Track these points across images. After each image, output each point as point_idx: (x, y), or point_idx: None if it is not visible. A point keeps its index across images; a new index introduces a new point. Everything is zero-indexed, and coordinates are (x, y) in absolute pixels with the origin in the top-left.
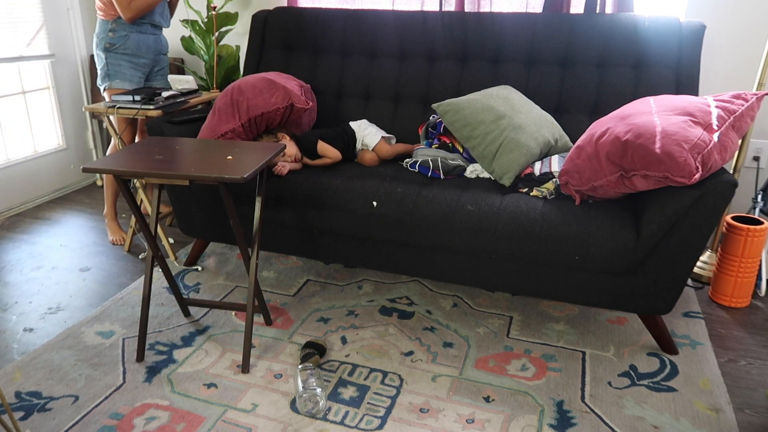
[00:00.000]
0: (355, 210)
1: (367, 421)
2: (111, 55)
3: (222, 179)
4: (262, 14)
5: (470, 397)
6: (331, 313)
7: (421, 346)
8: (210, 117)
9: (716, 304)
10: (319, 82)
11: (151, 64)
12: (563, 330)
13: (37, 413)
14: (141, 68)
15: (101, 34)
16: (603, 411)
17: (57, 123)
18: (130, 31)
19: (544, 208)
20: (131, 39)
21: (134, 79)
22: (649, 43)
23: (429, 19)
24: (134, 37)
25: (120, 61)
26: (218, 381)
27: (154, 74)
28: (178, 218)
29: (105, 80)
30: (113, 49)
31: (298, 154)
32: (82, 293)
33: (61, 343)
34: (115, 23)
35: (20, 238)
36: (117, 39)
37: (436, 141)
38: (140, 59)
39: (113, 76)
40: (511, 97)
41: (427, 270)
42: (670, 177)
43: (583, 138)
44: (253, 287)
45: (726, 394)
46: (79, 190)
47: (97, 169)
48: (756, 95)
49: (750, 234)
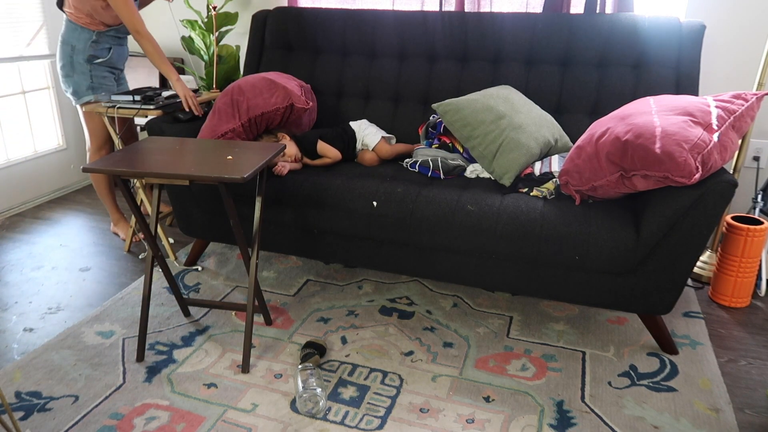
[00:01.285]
0: (355, 210)
1: (367, 421)
2: (95, 67)
3: (222, 179)
4: (262, 14)
5: (470, 397)
6: (331, 313)
7: (421, 346)
8: (210, 117)
9: (716, 304)
10: (319, 82)
11: (119, 73)
12: (563, 330)
13: (37, 413)
14: (117, 79)
15: (80, 43)
16: (603, 411)
17: (57, 123)
18: (113, 44)
19: (544, 208)
20: (114, 52)
21: (114, 89)
22: (649, 43)
23: (429, 19)
24: (116, 50)
25: (104, 73)
26: (218, 381)
27: (121, 81)
28: (178, 218)
29: (88, 93)
30: (96, 61)
31: (298, 154)
32: (82, 293)
33: (61, 343)
34: (98, 35)
35: (20, 238)
36: (101, 52)
37: (436, 141)
38: (116, 70)
39: (98, 89)
40: (511, 97)
41: (427, 270)
42: (670, 177)
43: (583, 138)
44: (253, 287)
45: (726, 394)
46: (79, 190)
47: (97, 169)
48: (756, 95)
49: (750, 234)
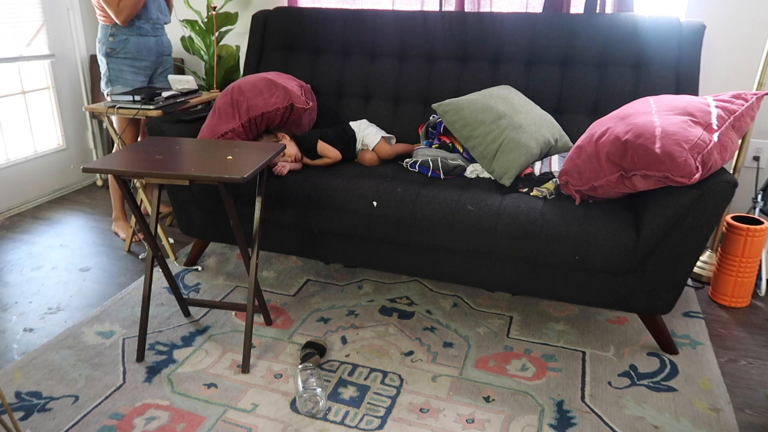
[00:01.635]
0: (355, 210)
1: (367, 421)
2: (112, 60)
3: (222, 179)
4: (262, 14)
5: (470, 397)
6: (331, 313)
7: (421, 346)
8: (210, 117)
9: (716, 304)
10: (319, 82)
11: (153, 67)
12: (563, 330)
13: (37, 413)
14: (142, 72)
15: (102, 38)
16: (603, 411)
17: (57, 123)
18: (130, 34)
19: (544, 208)
20: (131, 42)
21: (136, 83)
22: (649, 43)
23: (429, 19)
24: (134, 40)
25: (121, 66)
26: (218, 381)
27: (156, 76)
28: (178, 218)
29: (107, 86)
30: (114, 54)
31: (298, 154)
32: (82, 293)
33: (61, 343)
34: (114, 27)
35: (20, 238)
36: (117, 43)
37: (436, 141)
38: (141, 62)
39: (115, 81)
40: (511, 97)
41: (427, 270)
42: (670, 177)
43: (583, 138)
44: (253, 287)
45: (726, 394)
46: (79, 190)
47: (97, 169)
48: (756, 95)
49: (750, 234)
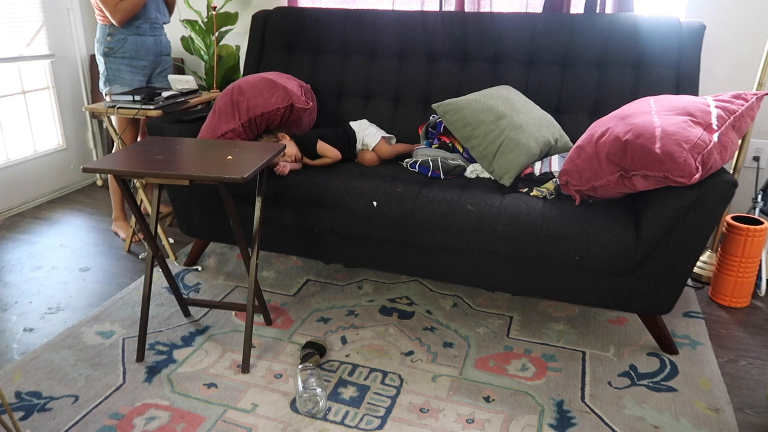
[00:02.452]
0: (355, 210)
1: (367, 421)
2: (110, 59)
3: (222, 179)
4: (262, 14)
5: (470, 397)
6: (331, 313)
7: (421, 346)
8: (210, 117)
9: (716, 304)
10: (319, 82)
11: (151, 67)
12: (563, 330)
13: (37, 413)
14: (141, 71)
15: (101, 38)
16: (603, 411)
17: (57, 123)
18: (128, 34)
19: (544, 208)
20: (129, 42)
21: (134, 83)
22: (649, 43)
23: (429, 19)
24: (132, 39)
25: (119, 65)
26: (218, 381)
27: (155, 76)
28: (178, 218)
29: (105, 85)
30: (112, 53)
31: (298, 154)
32: (82, 293)
33: (61, 343)
34: (112, 27)
35: (20, 238)
36: (115, 43)
37: (436, 141)
38: (139, 62)
39: (113, 81)
40: (511, 97)
41: (427, 270)
42: (670, 177)
43: (583, 138)
44: (253, 287)
45: (726, 394)
46: (79, 190)
47: (97, 169)
48: (756, 95)
49: (750, 234)
